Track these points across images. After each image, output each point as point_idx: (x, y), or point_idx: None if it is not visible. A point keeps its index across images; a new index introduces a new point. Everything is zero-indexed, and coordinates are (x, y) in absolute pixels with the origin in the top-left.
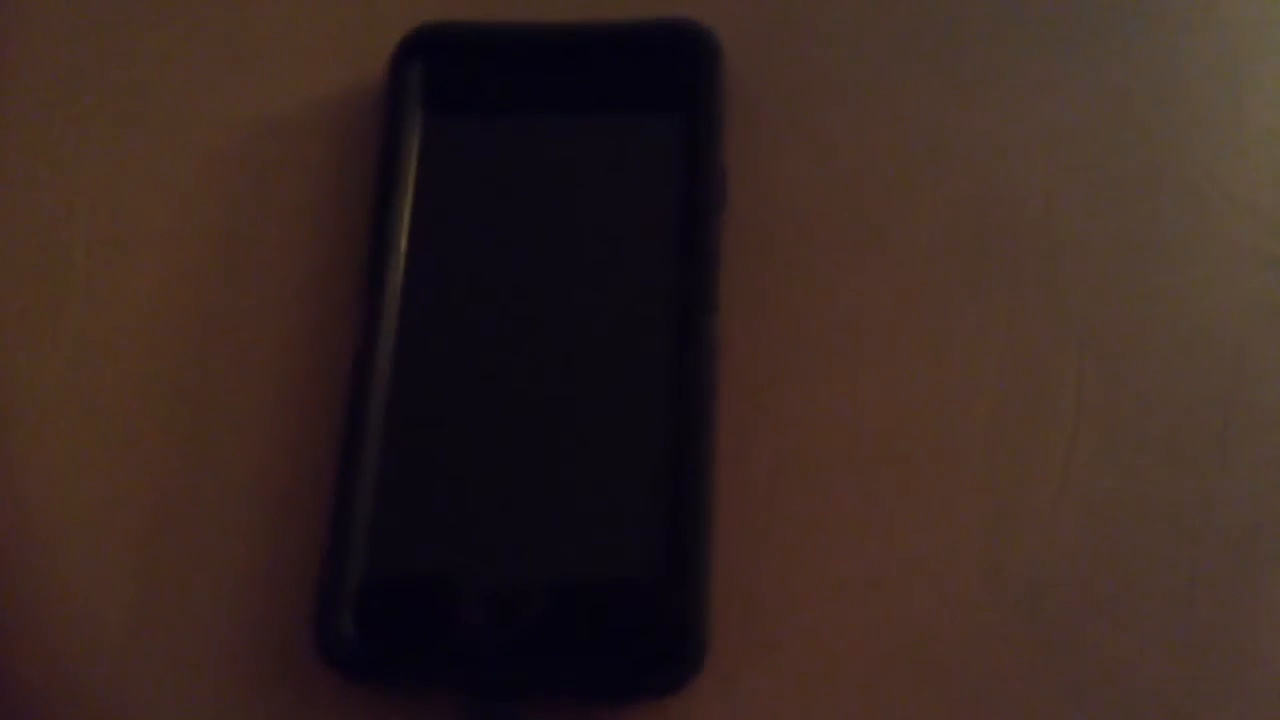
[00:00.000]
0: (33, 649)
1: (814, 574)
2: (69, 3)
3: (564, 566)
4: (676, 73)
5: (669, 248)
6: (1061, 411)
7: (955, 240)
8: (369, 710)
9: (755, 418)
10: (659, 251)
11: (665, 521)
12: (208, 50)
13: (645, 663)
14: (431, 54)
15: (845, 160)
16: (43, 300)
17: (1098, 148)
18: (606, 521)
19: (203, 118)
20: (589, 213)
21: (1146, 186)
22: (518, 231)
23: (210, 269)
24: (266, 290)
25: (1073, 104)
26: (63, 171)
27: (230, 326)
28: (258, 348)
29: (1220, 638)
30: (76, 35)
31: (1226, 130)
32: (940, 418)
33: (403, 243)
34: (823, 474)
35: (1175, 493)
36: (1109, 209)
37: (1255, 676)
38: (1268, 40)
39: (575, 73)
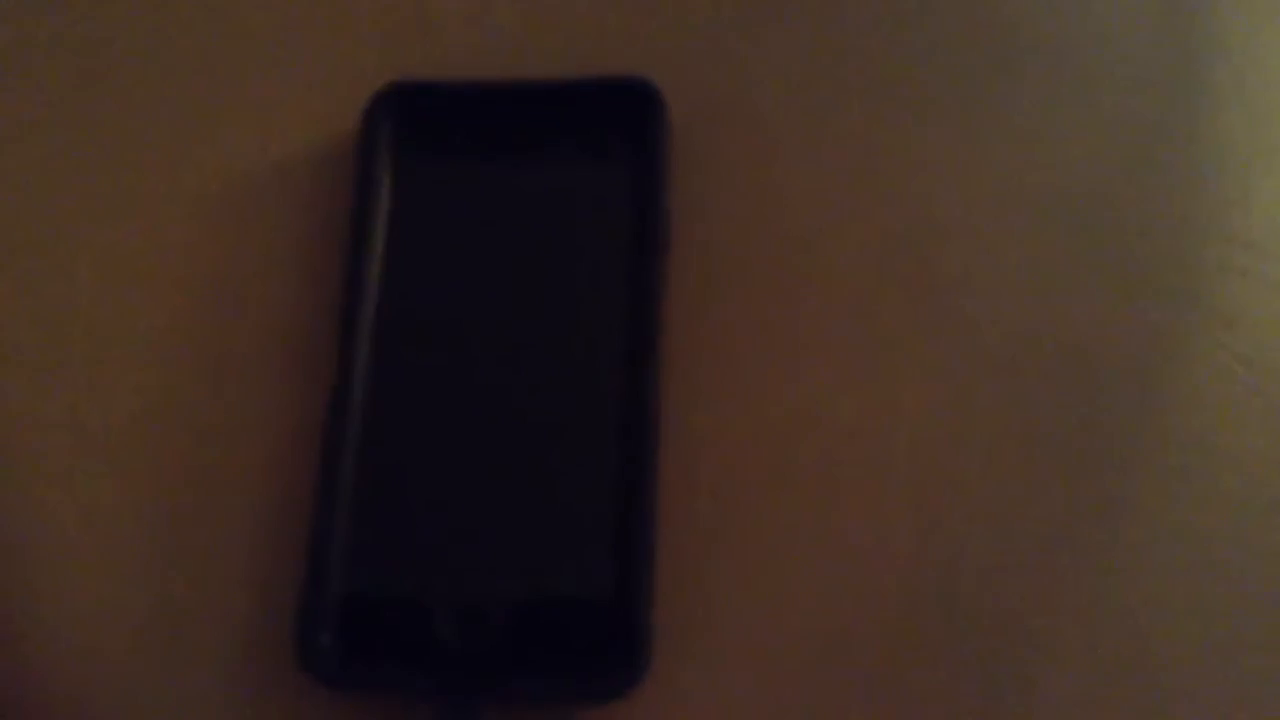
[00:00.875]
0: (28, 661)
1: (752, 585)
2: (58, 58)
3: (523, 584)
4: (626, 125)
5: (619, 284)
6: (977, 424)
7: (881, 268)
8: (347, 716)
9: (699, 440)
10: (610, 288)
11: (614, 542)
12: (189, 104)
13: (595, 671)
14: (401, 108)
15: (782, 195)
16: (47, 337)
17: (1015, 179)
18: (561, 542)
19: (189, 168)
20: (546, 253)
21: (1049, 218)
22: (481, 271)
23: (201, 310)
24: (252, 328)
25: (992, 139)
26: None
27: (219, 362)
28: (245, 380)
29: (1124, 651)
30: (61, 90)
31: (1125, 167)
32: (868, 431)
33: (374, 284)
34: (761, 491)
35: (1081, 514)
36: (1018, 238)
37: (1157, 690)
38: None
39: (534, 125)
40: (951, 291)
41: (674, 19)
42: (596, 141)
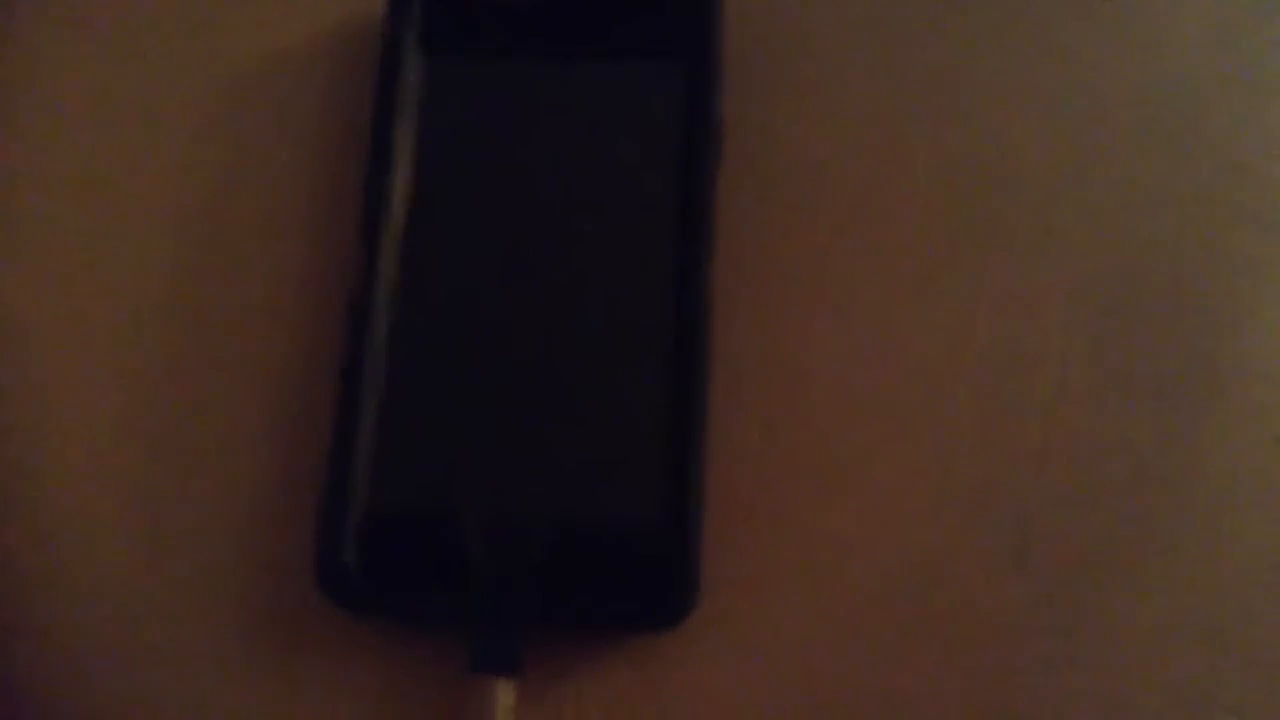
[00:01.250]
0: (30, 584)
1: (806, 518)
2: None
3: (564, 503)
4: (677, 21)
5: (667, 196)
6: (1049, 363)
7: (951, 190)
8: (371, 646)
9: (751, 363)
10: (657, 200)
11: (663, 460)
12: None
13: (643, 598)
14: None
15: (842, 110)
16: (41, 233)
17: (1090, 103)
18: (605, 459)
19: (204, 52)
20: (588, 158)
21: (1134, 142)
22: (515, 175)
23: (213, 203)
24: (268, 224)
25: (1069, 59)
26: (63, 110)
27: (233, 260)
28: (259, 281)
29: (1204, 582)
30: None
31: (1215, 89)
32: (931, 367)
33: (399, 182)
34: (816, 419)
35: (1160, 443)
36: (1098, 163)
37: (1238, 619)
38: (1257, 7)
39: (574, 18)
40: (1027, 216)
41: None
42: (645, 41)
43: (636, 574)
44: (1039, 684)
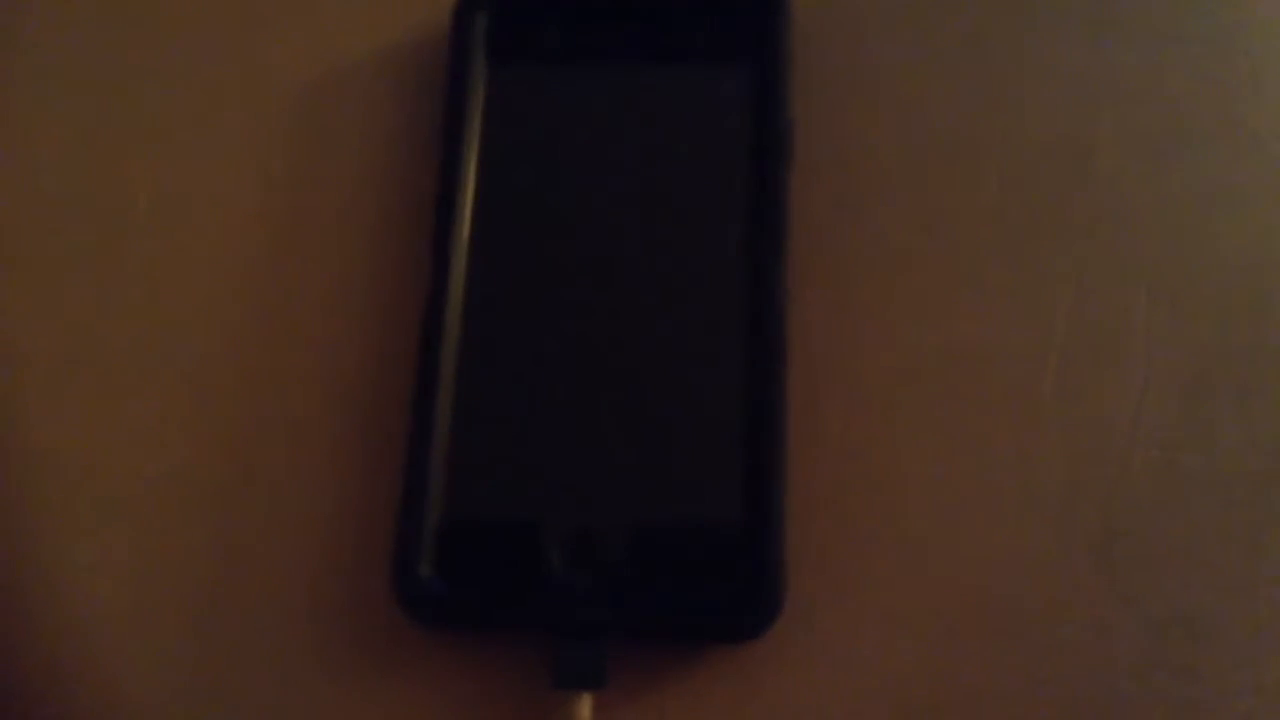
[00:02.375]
0: (107, 610)
1: (888, 521)
2: None
3: (643, 509)
4: (743, 23)
5: (737, 199)
6: (1132, 359)
7: (1025, 189)
8: (451, 659)
9: (827, 366)
10: (728, 202)
11: (743, 466)
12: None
13: (726, 608)
14: (494, 3)
15: (914, 110)
16: (108, 247)
17: (1165, 98)
18: (684, 465)
19: (269, 65)
20: (656, 162)
21: (1210, 136)
22: (585, 180)
23: (278, 216)
24: (335, 237)
25: (1143, 54)
26: (125, 119)
27: (300, 272)
28: (330, 292)
29: None
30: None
31: None
32: (1012, 366)
33: (470, 190)
34: (895, 422)
35: (1245, 440)
36: (1175, 158)
37: None
38: None
39: (640, 23)
40: (1105, 211)
41: None
42: (712, 45)
43: (719, 583)
44: (1128, 686)
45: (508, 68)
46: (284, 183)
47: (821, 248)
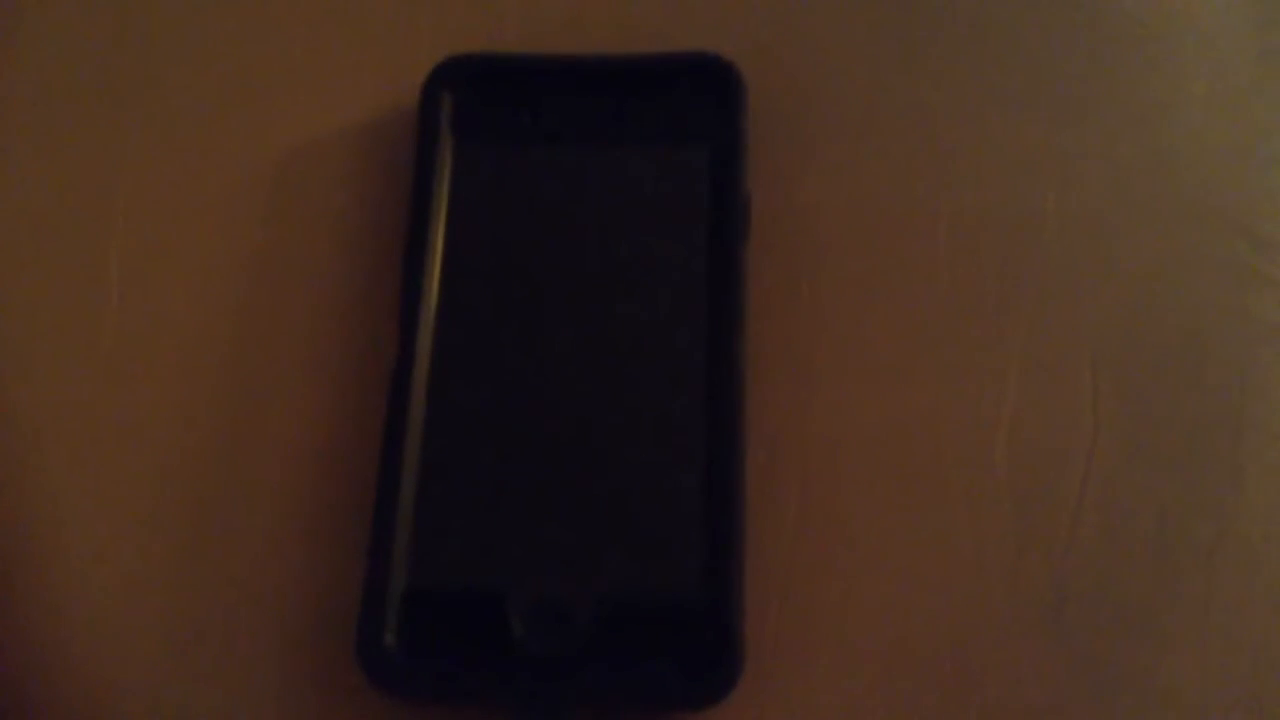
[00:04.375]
0: (66, 663)
1: (843, 586)
2: (105, 27)
3: (605, 579)
4: (701, 105)
5: (696, 274)
6: (1079, 427)
7: (974, 257)
8: None
9: (784, 435)
10: (687, 277)
11: (701, 536)
12: (243, 75)
13: (686, 674)
14: (461, 83)
15: (865, 183)
16: (80, 317)
17: (1109, 170)
18: (644, 536)
19: (240, 140)
20: (617, 238)
21: (1153, 209)
22: (549, 255)
23: (246, 288)
24: (303, 309)
25: (1088, 127)
26: (99, 191)
27: (268, 343)
28: (296, 364)
29: (1238, 642)
30: (113, 58)
31: (1230, 158)
32: (963, 434)
33: (436, 265)
34: (850, 490)
35: (1191, 507)
36: (1119, 230)
37: (1274, 680)
38: (1269, 75)
39: (602, 103)
40: (1050, 281)
41: None
42: (670, 122)
43: (679, 651)
44: None
45: (474, 145)
46: (253, 256)
47: (776, 320)
